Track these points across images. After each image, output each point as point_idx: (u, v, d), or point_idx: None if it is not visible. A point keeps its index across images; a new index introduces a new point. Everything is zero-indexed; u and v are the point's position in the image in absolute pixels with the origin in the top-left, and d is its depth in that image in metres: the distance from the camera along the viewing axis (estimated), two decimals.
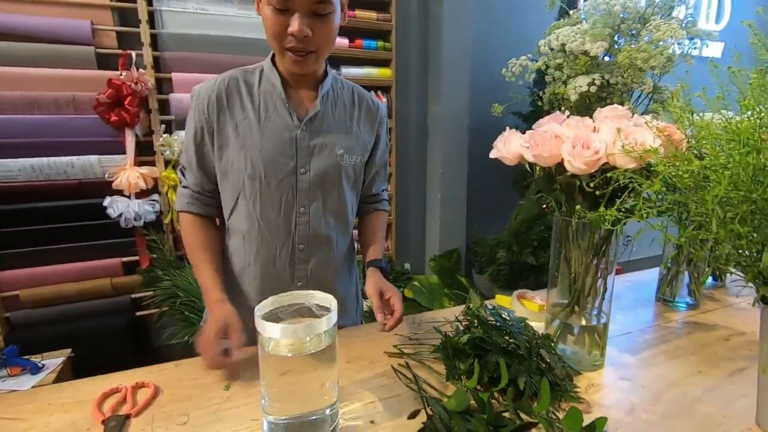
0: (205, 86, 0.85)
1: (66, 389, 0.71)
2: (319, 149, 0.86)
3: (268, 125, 0.83)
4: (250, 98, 0.84)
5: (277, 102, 0.84)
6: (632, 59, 0.69)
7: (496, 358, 0.65)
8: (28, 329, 1.90)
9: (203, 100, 0.83)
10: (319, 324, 0.53)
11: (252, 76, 0.86)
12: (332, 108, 0.89)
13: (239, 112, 0.83)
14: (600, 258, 0.74)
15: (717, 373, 0.75)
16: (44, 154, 1.79)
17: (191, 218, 0.88)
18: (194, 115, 0.84)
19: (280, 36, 0.76)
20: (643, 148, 0.58)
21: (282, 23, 0.74)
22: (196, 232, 0.87)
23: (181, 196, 0.88)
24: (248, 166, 0.83)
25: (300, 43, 0.76)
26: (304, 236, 0.88)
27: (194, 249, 0.86)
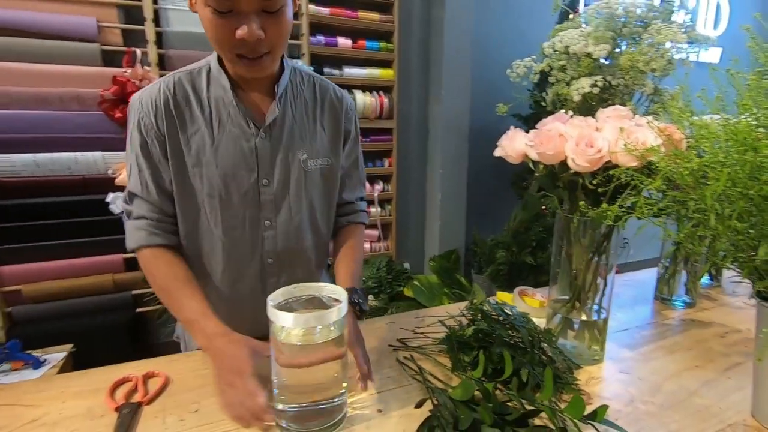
0: (147, 95, 0.73)
1: (78, 378, 0.72)
2: (281, 157, 0.78)
3: (222, 137, 0.74)
4: (200, 106, 0.74)
5: (230, 108, 0.74)
6: (634, 61, 0.71)
7: (500, 350, 0.67)
8: (30, 324, 1.90)
9: (148, 111, 0.72)
10: (330, 314, 0.55)
11: (198, 78, 0.75)
12: (292, 108, 0.79)
13: (189, 124, 0.73)
14: (600, 255, 0.76)
15: (713, 367, 0.78)
16: (48, 149, 1.80)
17: (155, 252, 0.74)
18: (139, 129, 0.72)
19: (227, 41, 0.65)
20: (645, 146, 0.60)
21: (227, 27, 0.63)
22: (167, 268, 0.73)
23: (136, 229, 0.74)
24: (205, 184, 0.74)
25: (252, 48, 0.66)
26: (272, 250, 0.81)
27: (170, 286, 0.71)
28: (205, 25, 0.65)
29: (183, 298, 0.70)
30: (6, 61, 1.76)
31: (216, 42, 0.67)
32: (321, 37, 2.32)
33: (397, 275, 2.32)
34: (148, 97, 0.73)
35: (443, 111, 2.64)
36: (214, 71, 0.75)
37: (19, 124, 1.77)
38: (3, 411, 0.63)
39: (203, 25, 0.66)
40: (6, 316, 1.88)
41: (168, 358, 0.80)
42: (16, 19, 1.76)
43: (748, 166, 0.45)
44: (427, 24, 2.68)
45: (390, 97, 2.54)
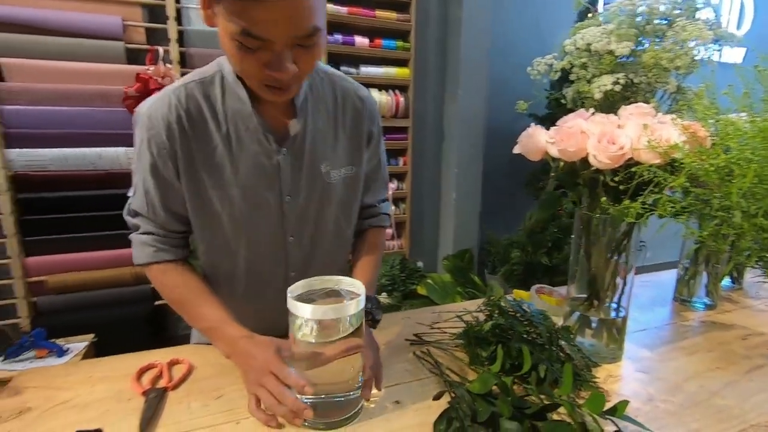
0: (156, 111, 0.66)
1: (105, 363, 0.75)
2: (304, 172, 0.74)
3: (242, 155, 0.69)
4: (216, 122, 0.68)
5: (249, 123, 0.68)
6: (657, 59, 0.70)
7: (519, 344, 0.68)
8: (53, 314, 1.96)
9: (159, 130, 0.65)
10: (349, 306, 0.55)
11: (211, 87, 0.68)
12: (313, 118, 0.74)
13: (205, 143, 0.68)
14: (620, 253, 0.75)
15: (735, 369, 0.77)
16: (74, 144, 1.85)
17: (163, 267, 0.71)
18: (149, 148, 0.66)
19: (255, 75, 0.59)
20: (668, 144, 0.59)
21: (255, 61, 0.56)
22: (179, 279, 0.71)
23: (142, 245, 0.71)
24: (226, 206, 0.71)
25: (281, 81, 0.59)
26: (296, 264, 0.79)
27: (184, 298, 0.70)
28: (231, 55, 0.58)
29: (200, 308, 0.69)
30: (34, 58, 1.82)
31: (241, 73, 0.62)
32: (338, 36, 2.34)
33: (411, 273, 2.33)
34: (158, 113, 0.66)
35: (459, 110, 2.64)
36: (229, 80, 0.68)
37: (47, 120, 1.83)
38: (36, 393, 0.66)
39: (228, 52, 0.58)
40: (31, 306, 1.94)
41: (191, 346, 0.82)
42: (45, 18, 1.82)
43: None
44: (444, 23, 2.68)
45: (406, 95, 2.54)
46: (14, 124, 1.80)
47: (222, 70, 0.69)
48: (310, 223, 0.78)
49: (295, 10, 0.52)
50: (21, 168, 1.82)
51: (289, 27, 0.53)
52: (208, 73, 0.69)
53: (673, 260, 1.08)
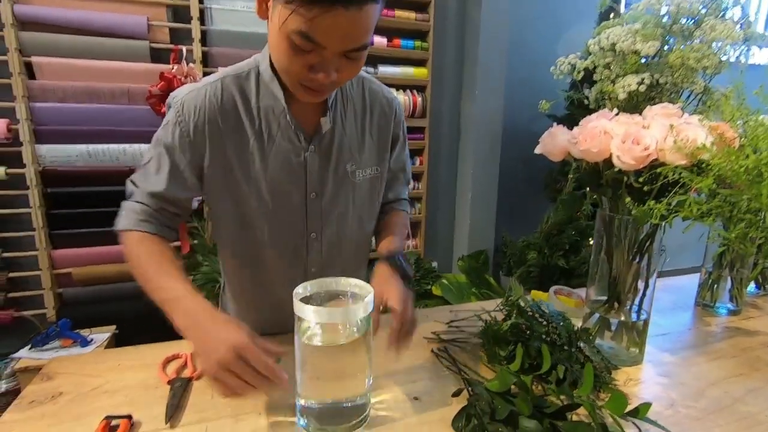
0: (191, 99, 0.68)
1: (133, 352, 0.77)
2: (330, 171, 0.76)
3: (272, 149, 0.72)
4: (249, 116, 0.70)
5: (281, 120, 0.71)
6: (684, 59, 0.69)
7: (538, 344, 0.68)
8: (78, 306, 2.02)
9: (188, 118, 0.67)
10: (356, 310, 0.54)
11: (247, 83, 0.71)
12: (342, 118, 0.76)
13: (238, 136, 0.70)
14: (642, 256, 0.75)
15: (759, 376, 0.75)
16: (100, 141, 1.91)
17: (143, 236, 0.68)
18: (173, 130, 0.68)
19: (297, 73, 0.61)
20: (695, 145, 0.59)
21: (302, 62, 0.59)
22: (152, 249, 0.67)
23: (130, 211, 0.69)
24: (253, 198, 0.73)
25: (323, 84, 0.61)
26: (316, 260, 0.80)
27: (151, 267, 0.65)
28: (277, 50, 0.60)
29: (164, 277, 0.63)
30: (64, 57, 1.88)
31: (284, 70, 0.63)
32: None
33: (426, 273, 2.33)
34: (192, 103, 0.68)
35: (476, 111, 2.63)
36: (265, 77, 0.71)
37: (74, 117, 1.89)
38: (69, 378, 0.69)
39: (274, 46, 0.60)
40: (57, 297, 2.01)
41: None
42: (74, 18, 1.88)
43: None
44: (463, 23, 2.67)
45: (423, 95, 2.54)
46: (44, 121, 1.86)
47: (258, 67, 0.72)
48: (333, 221, 0.79)
49: (355, 25, 0.55)
50: (49, 163, 1.88)
51: (345, 39, 0.56)
52: (244, 68, 0.72)
53: (691, 266, 1.06)
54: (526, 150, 0.78)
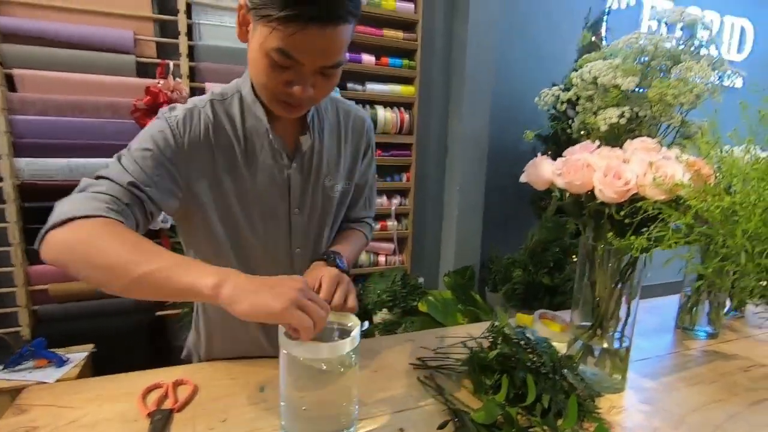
0: (186, 115, 0.69)
1: (112, 381, 0.75)
2: (311, 186, 0.80)
3: (257, 168, 0.74)
4: (236, 137, 0.73)
5: (265, 140, 0.74)
6: (662, 95, 0.72)
7: (524, 374, 0.68)
8: (54, 323, 1.96)
9: (186, 133, 0.68)
10: (343, 345, 0.54)
11: (231, 106, 0.73)
12: (319, 134, 0.80)
13: (228, 155, 0.72)
14: (624, 283, 0.76)
15: (738, 401, 0.77)
16: (81, 155, 1.87)
17: (108, 220, 0.56)
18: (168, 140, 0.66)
19: (274, 89, 0.64)
20: (673, 181, 0.61)
21: (280, 78, 0.62)
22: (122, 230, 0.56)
23: (92, 199, 0.58)
24: (240, 216, 0.75)
25: (299, 100, 0.65)
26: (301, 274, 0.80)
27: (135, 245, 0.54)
28: (257, 68, 0.63)
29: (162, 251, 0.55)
30: (47, 70, 1.85)
31: (262, 86, 0.66)
32: (346, 54, 2.37)
33: (412, 290, 2.32)
34: (189, 120, 0.68)
35: (463, 128, 2.66)
36: (248, 100, 0.74)
37: (54, 130, 1.85)
38: (44, 411, 0.66)
39: (254, 64, 0.63)
40: (32, 315, 1.94)
41: (195, 366, 0.82)
42: (58, 31, 1.85)
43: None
44: (450, 43, 2.72)
45: (410, 113, 2.57)
46: (24, 134, 1.82)
47: (241, 91, 0.75)
48: (313, 236, 0.83)
49: (329, 44, 0.59)
50: (28, 177, 1.83)
51: (321, 56, 0.61)
52: (228, 93, 0.75)
53: (673, 281, 1.08)
54: (512, 167, 0.80)
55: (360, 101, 2.45)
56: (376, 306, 2.26)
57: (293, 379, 0.56)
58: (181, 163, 0.69)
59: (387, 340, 0.97)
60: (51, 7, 1.85)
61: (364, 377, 0.79)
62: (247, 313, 0.49)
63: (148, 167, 0.64)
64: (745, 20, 3.64)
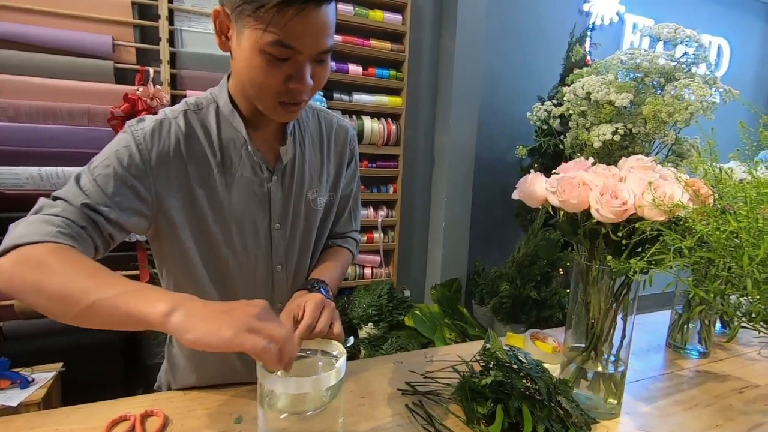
0: (155, 128, 0.64)
1: (74, 413, 0.69)
2: (293, 199, 0.76)
3: (234, 182, 0.70)
4: (211, 150, 0.68)
5: (243, 152, 0.70)
6: (657, 112, 0.71)
7: (518, 403, 0.65)
8: (20, 341, 1.85)
9: (153, 147, 0.63)
10: (327, 379, 0.50)
11: (207, 116, 0.69)
12: (300, 146, 0.76)
13: (201, 168, 0.68)
14: (619, 303, 0.74)
15: (734, 427, 0.75)
16: (55, 163, 1.79)
17: (58, 246, 0.53)
18: (133, 156, 0.62)
19: (274, 89, 0.61)
20: (672, 201, 0.59)
21: (279, 75, 0.60)
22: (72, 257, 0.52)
23: (45, 223, 0.54)
24: (216, 232, 0.70)
25: (299, 96, 0.63)
26: (282, 294, 0.77)
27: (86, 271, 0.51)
28: (253, 71, 0.60)
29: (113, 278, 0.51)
30: (20, 75, 1.77)
31: (262, 89, 0.62)
32: (332, 63, 2.35)
33: (398, 303, 2.28)
34: (157, 133, 0.64)
35: (450, 140, 2.66)
36: (225, 111, 0.70)
37: (25, 137, 1.77)
38: None
39: (249, 69, 0.60)
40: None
41: (166, 395, 0.76)
42: (32, 35, 1.78)
43: None
44: (437, 55, 2.73)
45: (398, 124, 2.55)
46: None
47: (217, 102, 0.71)
48: (295, 251, 0.79)
49: (323, 26, 0.59)
50: None
51: (317, 41, 0.59)
52: (203, 103, 0.71)
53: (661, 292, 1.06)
54: (499, 178, 0.78)
55: (347, 112, 2.43)
56: (361, 320, 2.21)
57: (272, 413, 0.52)
58: (147, 178, 0.64)
59: (374, 362, 0.93)
60: (25, 10, 1.78)
61: (350, 405, 0.74)
62: (196, 342, 0.43)
63: (108, 186, 0.60)
64: (722, 39, 3.75)
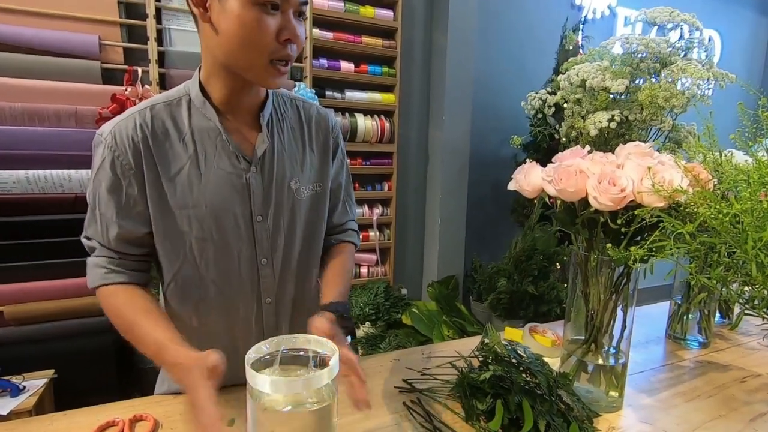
0: (121, 130, 0.65)
1: (61, 420, 0.67)
2: (275, 190, 0.73)
3: (211, 173, 0.69)
4: (182, 142, 0.68)
5: (217, 142, 0.69)
6: (653, 97, 0.69)
7: (518, 398, 0.63)
8: (11, 348, 1.81)
9: (125, 149, 0.64)
10: (320, 377, 0.47)
11: (178, 110, 0.69)
12: (279, 135, 0.75)
13: (172, 163, 0.67)
14: (619, 294, 0.72)
15: (737, 417, 0.73)
16: (42, 166, 1.75)
17: (114, 289, 0.67)
18: (112, 166, 0.65)
19: (268, 45, 0.61)
20: (672, 187, 0.57)
21: (271, 27, 0.60)
22: (122, 301, 0.66)
23: (96, 266, 0.68)
24: (194, 226, 0.69)
25: (291, 52, 0.63)
26: (269, 289, 0.76)
27: (130, 320, 0.64)
28: (245, 28, 0.59)
29: (144, 328, 0.62)
30: (5, 76, 1.73)
31: (256, 46, 0.61)
32: (324, 61, 2.33)
33: (395, 302, 2.26)
34: (124, 132, 0.65)
35: (444, 136, 2.64)
36: (196, 101, 0.69)
37: (11, 139, 1.73)
38: None
39: (238, 30, 0.60)
40: None
41: (156, 399, 0.74)
42: (17, 35, 1.74)
43: None
44: (429, 51, 2.71)
45: (391, 121, 2.53)
46: None
47: (189, 93, 0.70)
48: (281, 243, 0.76)
49: None
50: None
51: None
52: (175, 96, 0.70)
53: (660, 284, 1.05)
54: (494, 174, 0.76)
55: (339, 109, 2.40)
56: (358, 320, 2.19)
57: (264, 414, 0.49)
58: (135, 183, 0.67)
59: (371, 360, 0.91)
60: (9, 10, 1.74)
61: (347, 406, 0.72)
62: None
63: (113, 215, 0.66)
64: (713, 31, 3.76)
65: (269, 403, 0.49)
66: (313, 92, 2.21)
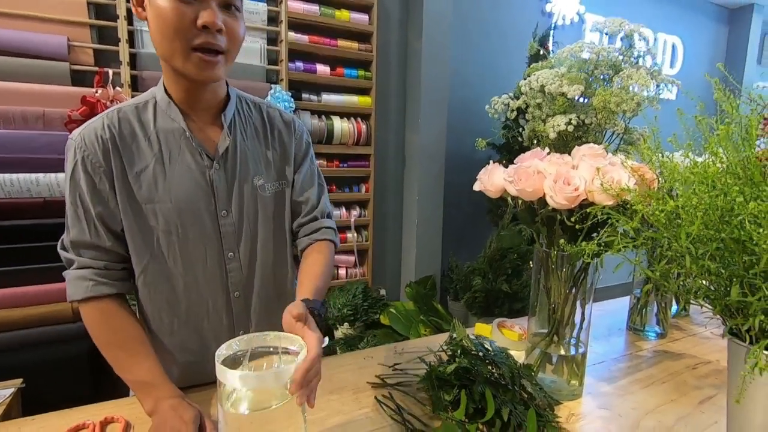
0: (90, 131, 0.68)
1: (29, 425, 0.66)
2: (237, 186, 0.77)
3: (175, 170, 0.72)
4: (148, 141, 0.71)
5: (181, 141, 0.72)
6: (606, 102, 0.74)
7: (482, 388, 0.66)
8: None
9: (95, 148, 0.67)
10: (287, 371, 0.49)
11: (145, 112, 0.72)
12: (243, 135, 0.78)
13: (137, 161, 0.70)
14: (578, 288, 0.77)
15: (687, 401, 0.79)
16: (7, 170, 1.71)
17: (103, 306, 0.70)
18: (85, 168, 0.67)
19: (186, 31, 0.63)
20: (619, 186, 0.61)
21: (188, 15, 0.62)
22: (117, 324, 0.70)
23: (78, 279, 0.69)
24: (160, 222, 0.71)
25: (212, 39, 0.64)
26: (238, 282, 0.79)
27: (120, 345, 0.70)
28: (163, 17, 0.62)
29: (133, 357, 0.70)
30: None
31: (175, 31, 0.63)
32: (300, 64, 2.34)
33: (374, 303, 2.29)
34: (92, 133, 0.68)
35: (420, 139, 2.68)
36: (161, 103, 0.72)
37: None
38: None
39: (158, 20, 0.63)
40: None
41: (128, 401, 0.74)
42: None
43: (719, 210, 0.47)
44: (405, 54, 2.75)
45: (368, 123, 2.56)
46: None
47: (155, 97, 0.74)
48: (247, 238, 0.79)
49: None
50: None
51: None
52: (142, 100, 0.74)
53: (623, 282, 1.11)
54: (469, 175, 0.79)
55: (316, 112, 2.42)
56: (337, 321, 2.20)
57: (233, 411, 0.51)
58: (108, 182, 0.69)
59: (345, 358, 0.93)
60: None
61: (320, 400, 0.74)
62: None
63: (92, 221, 0.69)
64: (676, 38, 3.93)
65: (239, 398, 0.50)
66: (289, 95, 2.22)
